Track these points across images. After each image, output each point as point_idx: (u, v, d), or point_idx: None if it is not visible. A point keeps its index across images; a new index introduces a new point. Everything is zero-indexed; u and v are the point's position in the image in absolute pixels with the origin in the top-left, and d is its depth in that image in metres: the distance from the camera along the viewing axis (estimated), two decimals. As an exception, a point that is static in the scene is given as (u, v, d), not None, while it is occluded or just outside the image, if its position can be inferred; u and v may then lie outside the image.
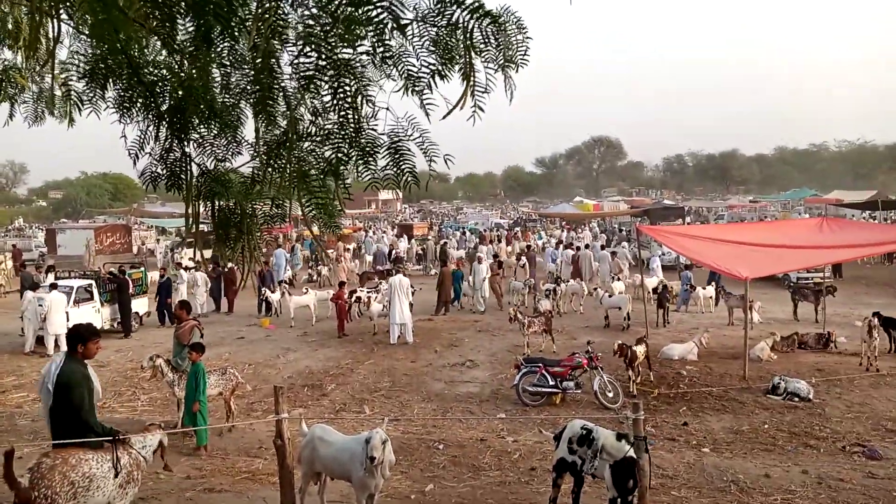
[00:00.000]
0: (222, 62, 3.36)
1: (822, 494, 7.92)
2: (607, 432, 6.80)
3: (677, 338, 16.23)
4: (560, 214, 51.52)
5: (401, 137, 3.58)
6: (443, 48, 3.32)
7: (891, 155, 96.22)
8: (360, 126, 3.46)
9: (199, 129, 3.59)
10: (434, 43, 3.33)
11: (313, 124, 3.57)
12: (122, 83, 3.38)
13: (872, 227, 24.00)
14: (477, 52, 3.36)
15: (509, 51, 3.49)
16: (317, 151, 3.63)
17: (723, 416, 11.13)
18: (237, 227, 3.79)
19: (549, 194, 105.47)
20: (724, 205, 68.99)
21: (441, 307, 21.23)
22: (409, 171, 3.57)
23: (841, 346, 15.36)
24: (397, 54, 3.39)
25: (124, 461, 5.74)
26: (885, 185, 75.12)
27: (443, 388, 13.17)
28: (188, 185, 3.71)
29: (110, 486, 5.59)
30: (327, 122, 3.55)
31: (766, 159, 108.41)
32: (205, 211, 3.92)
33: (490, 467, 8.96)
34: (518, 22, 3.51)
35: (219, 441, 10.18)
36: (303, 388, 13.22)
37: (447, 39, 3.28)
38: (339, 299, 18.45)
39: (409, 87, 3.33)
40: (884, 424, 10.46)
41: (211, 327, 19.46)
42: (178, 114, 3.33)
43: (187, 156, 3.71)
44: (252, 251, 3.97)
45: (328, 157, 3.56)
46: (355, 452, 6.61)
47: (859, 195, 47.94)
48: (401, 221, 60.78)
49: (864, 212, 39.87)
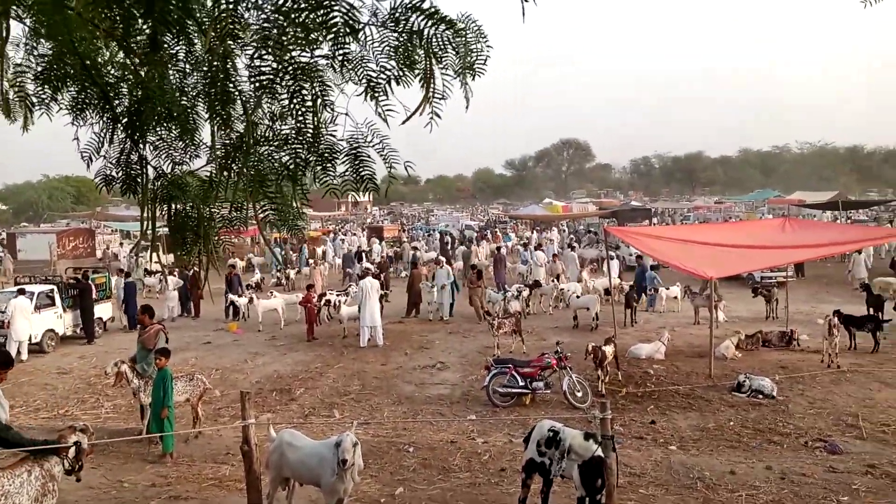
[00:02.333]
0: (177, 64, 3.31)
1: (784, 489, 8.08)
2: (574, 432, 6.84)
3: (644, 337, 16.43)
4: (530, 216, 51.81)
5: (360, 143, 3.56)
6: (403, 54, 3.31)
7: (850, 157, 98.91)
8: (319, 131, 3.43)
9: (157, 131, 3.53)
10: (394, 49, 3.32)
11: (270, 129, 3.53)
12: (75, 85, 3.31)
13: (833, 227, 24.52)
14: (437, 59, 3.37)
15: (469, 58, 3.50)
16: (274, 156, 3.59)
17: (689, 414, 11.29)
18: (194, 230, 3.74)
19: (518, 196, 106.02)
20: (690, 206, 70.15)
21: (411, 309, 21.17)
22: (368, 178, 3.56)
23: (803, 344, 15.68)
24: (357, 60, 3.38)
25: (35, 474, 5.65)
26: (846, 186, 77.12)
27: (413, 390, 13.14)
28: (144, 189, 3.64)
29: (24, 500, 5.50)
30: (285, 127, 3.52)
31: (730, 161, 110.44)
32: (161, 215, 3.86)
33: (460, 469, 8.96)
34: (478, 30, 3.52)
35: (185, 448, 10.04)
36: (271, 392, 13.09)
37: (407, 45, 3.27)
38: (308, 303, 18.31)
39: (368, 92, 3.31)
40: (844, 420, 10.71)
41: (177, 332, 19.18)
42: (135, 116, 3.27)
43: (144, 158, 3.65)
44: (210, 255, 3.91)
45: (286, 162, 3.53)
46: (324, 457, 6.58)
47: (821, 196, 49.07)
48: (371, 224, 60.53)
49: (826, 212, 40.80)
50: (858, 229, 23.80)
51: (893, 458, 8.97)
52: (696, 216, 57.83)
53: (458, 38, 3.41)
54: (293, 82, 3.14)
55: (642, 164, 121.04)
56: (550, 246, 31.61)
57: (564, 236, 42.19)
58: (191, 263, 4.24)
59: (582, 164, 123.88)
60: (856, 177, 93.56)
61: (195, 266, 4.05)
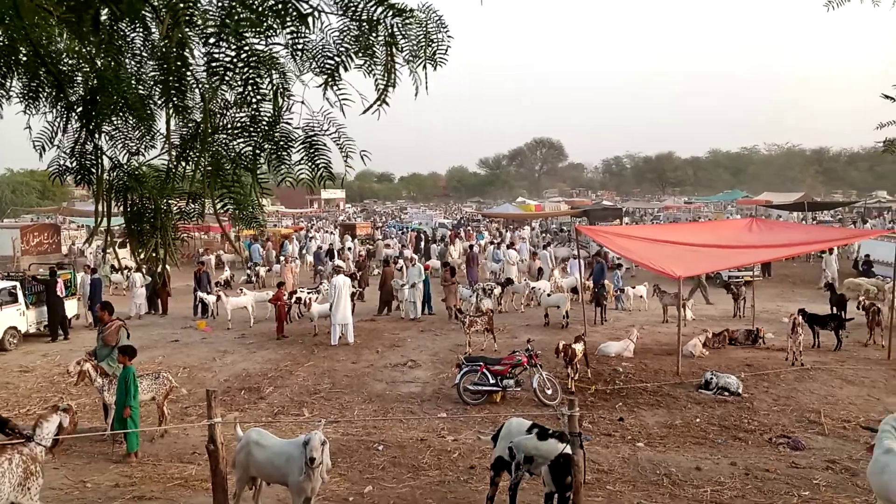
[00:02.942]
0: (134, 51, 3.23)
1: (748, 485, 8.21)
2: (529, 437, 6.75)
3: (614, 335, 16.58)
4: (503, 214, 51.93)
5: (316, 132, 3.51)
6: (363, 43, 3.28)
7: (816, 158, 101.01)
8: (275, 120, 3.38)
9: (112, 120, 3.43)
10: (355, 38, 3.28)
11: (223, 117, 3.46)
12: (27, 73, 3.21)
13: (799, 228, 25.01)
14: (398, 48, 3.34)
15: (430, 48, 3.48)
16: (230, 145, 3.52)
17: (657, 411, 11.41)
18: (150, 223, 3.65)
19: (492, 195, 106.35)
20: (660, 206, 71.00)
21: (383, 307, 21.10)
22: (324, 167, 3.51)
23: (769, 342, 15.97)
24: (318, 49, 3.33)
25: (16, 461, 5.77)
26: (811, 187, 78.79)
27: (384, 388, 13.09)
28: (99, 180, 3.54)
29: (6, 488, 5.65)
30: (241, 115, 3.46)
31: (700, 162, 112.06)
32: (117, 207, 3.76)
33: (430, 467, 8.95)
34: (439, 19, 3.50)
35: (150, 447, 9.90)
36: (240, 391, 12.94)
37: (368, 35, 3.24)
38: (278, 300, 18.14)
39: (328, 81, 3.27)
40: (807, 416, 10.92)
41: (144, 330, 18.91)
42: (90, 105, 3.18)
43: (99, 149, 3.55)
44: (167, 248, 3.83)
45: (242, 150, 3.46)
46: (292, 456, 6.53)
47: (787, 197, 50.00)
48: (343, 221, 60.22)
49: (793, 212, 41.61)
50: (823, 230, 24.30)
51: (853, 454, 9.17)
52: (666, 216, 58.53)
53: (417, 28, 3.38)
54: (247, 70, 3.09)
55: (614, 163, 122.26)
56: (524, 244, 31.73)
57: (534, 234, 42.41)
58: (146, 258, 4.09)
59: (555, 163, 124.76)
60: (821, 178, 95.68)
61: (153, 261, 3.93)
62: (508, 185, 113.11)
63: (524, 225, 47.67)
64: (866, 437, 9.90)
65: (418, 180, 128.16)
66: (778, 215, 42.48)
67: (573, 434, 6.19)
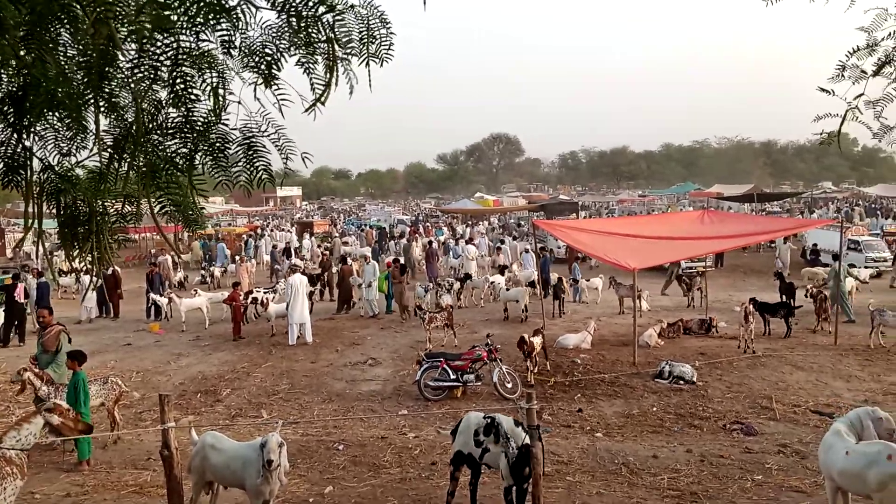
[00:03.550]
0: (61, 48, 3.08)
1: (704, 471, 8.40)
2: (507, 418, 6.88)
3: (572, 328, 16.77)
4: (461, 210, 52.02)
5: (254, 133, 3.43)
6: (304, 40, 3.21)
7: (765, 151, 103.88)
8: (212, 120, 3.29)
9: (43, 120, 3.29)
10: (294, 34, 3.21)
11: (154, 118, 3.35)
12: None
13: (749, 219, 25.68)
14: (339, 46, 3.28)
15: (373, 45, 3.43)
16: (164, 145, 3.41)
17: (615, 402, 11.58)
18: (85, 226, 3.51)
19: (451, 190, 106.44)
20: (615, 199, 72.11)
21: (342, 306, 20.93)
22: (263, 169, 3.43)
23: (722, 331, 16.37)
24: (252, 46, 3.25)
25: None
26: (760, 179, 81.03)
27: (344, 387, 12.99)
28: (28, 182, 3.38)
29: None
30: (175, 115, 3.36)
31: (653, 155, 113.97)
32: (49, 210, 3.61)
33: (391, 465, 8.90)
34: (381, 15, 3.46)
35: (103, 454, 9.62)
36: (196, 394, 12.68)
37: (308, 31, 3.17)
38: (233, 301, 17.82)
39: (266, 80, 3.19)
40: (759, 402, 11.22)
41: (95, 334, 18.43)
42: (16, 104, 3.03)
43: (28, 150, 3.39)
44: (103, 252, 3.69)
45: (177, 151, 3.36)
46: (248, 459, 6.43)
47: (737, 189, 51.23)
48: (300, 219, 59.54)
49: (744, 204, 42.68)
50: (772, 220, 25.01)
51: (803, 437, 9.47)
52: (621, 209, 59.48)
53: (358, 24, 3.33)
54: (177, 68, 2.99)
55: (570, 158, 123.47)
56: (483, 239, 31.85)
57: (489, 230, 42.60)
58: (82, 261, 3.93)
59: (512, 158, 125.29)
60: (770, 170, 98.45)
61: (93, 264, 3.76)
62: (467, 181, 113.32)
63: (482, 220, 47.86)
64: (815, 420, 10.24)
65: (376, 176, 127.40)
66: (729, 207, 43.61)
67: (531, 427, 6.23)
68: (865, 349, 14.21)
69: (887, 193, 55.77)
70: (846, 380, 12.33)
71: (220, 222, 53.02)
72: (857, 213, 41.58)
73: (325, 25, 3.18)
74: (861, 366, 13.13)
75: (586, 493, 7.83)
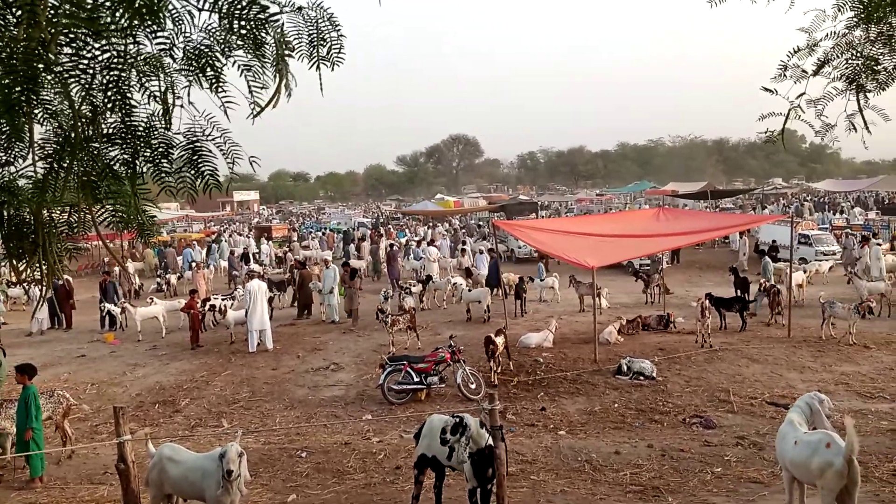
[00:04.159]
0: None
1: (665, 465, 8.53)
2: (474, 420, 6.86)
3: (534, 327, 16.88)
4: (422, 212, 51.99)
5: (199, 137, 3.35)
6: (252, 43, 3.14)
7: (717, 148, 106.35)
8: (152, 125, 3.19)
9: None
10: (242, 38, 3.14)
11: (92, 124, 3.25)
12: None
13: (702, 216, 26.21)
14: (289, 48, 3.23)
15: (323, 47, 3.39)
16: (105, 153, 3.31)
17: (577, 399, 11.69)
18: (31, 237, 3.36)
19: (411, 192, 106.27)
20: (574, 198, 72.93)
21: (302, 311, 20.69)
22: (209, 174, 3.35)
23: (679, 326, 16.68)
24: (196, 50, 3.17)
25: None
26: (714, 176, 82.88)
27: (306, 393, 12.84)
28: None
29: None
30: (114, 121, 3.26)
31: (609, 155, 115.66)
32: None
33: (355, 470, 8.83)
34: (330, 18, 3.42)
35: (57, 470, 9.35)
36: (153, 405, 12.40)
37: (255, 34, 3.11)
38: (191, 308, 17.45)
39: (213, 84, 3.12)
40: (717, 395, 11.46)
41: (47, 346, 17.90)
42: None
43: None
44: (52, 264, 3.55)
45: (118, 158, 3.26)
46: (208, 470, 6.31)
47: (692, 186, 52.35)
48: (257, 223, 58.71)
49: (699, 201, 43.57)
50: (725, 217, 25.56)
51: (760, 429, 9.69)
52: (579, 208, 60.18)
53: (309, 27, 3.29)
54: (110, 72, 2.90)
55: (528, 158, 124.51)
56: (444, 241, 31.84)
57: (452, 231, 42.63)
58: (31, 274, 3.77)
59: (472, 159, 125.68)
60: (722, 167, 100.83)
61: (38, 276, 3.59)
62: (427, 183, 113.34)
63: (443, 222, 47.90)
64: (772, 411, 10.50)
65: (335, 179, 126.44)
66: (684, 204, 44.41)
67: (494, 427, 6.23)
68: (817, 341, 14.63)
69: (834, 188, 57.50)
70: (800, 371, 12.68)
71: (176, 228, 52.00)
72: (807, 209, 42.79)
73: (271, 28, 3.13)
74: (814, 357, 13.51)
75: (550, 491, 7.88)
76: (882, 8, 4.69)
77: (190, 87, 3.18)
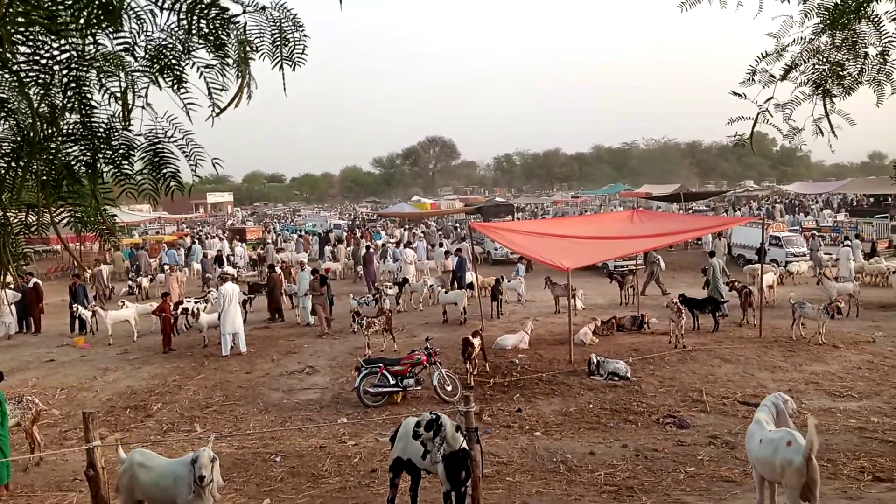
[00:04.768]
0: None
1: (639, 465, 8.60)
2: (450, 421, 6.83)
3: (510, 328, 16.92)
4: (399, 214, 51.88)
5: (160, 139, 3.31)
6: (214, 42, 3.11)
7: (690, 151, 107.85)
8: (113, 125, 3.15)
9: None
10: (204, 37, 3.11)
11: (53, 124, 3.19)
12: None
13: (676, 218, 26.53)
14: (253, 50, 3.21)
15: (286, 48, 3.37)
16: (64, 153, 3.25)
17: (552, 400, 11.74)
18: None
19: (387, 194, 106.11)
20: (549, 200, 73.37)
21: (274, 314, 20.50)
22: (171, 175, 3.31)
23: (653, 327, 16.84)
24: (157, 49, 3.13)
25: None
26: (687, 178, 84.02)
27: (281, 397, 12.73)
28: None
29: None
30: (73, 121, 3.21)
31: (584, 157, 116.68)
32: None
33: (330, 474, 8.77)
34: (293, 18, 3.40)
35: (24, 477, 9.15)
36: (125, 409, 12.20)
37: (219, 34, 3.08)
38: (163, 311, 17.22)
39: (174, 83, 3.08)
40: (690, 395, 11.58)
41: (15, 350, 17.55)
42: None
43: None
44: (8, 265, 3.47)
45: (77, 158, 3.20)
46: (179, 475, 6.21)
47: (665, 188, 52.98)
48: (232, 225, 58.12)
49: (672, 203, 44.09)
50: (698, 219, 25.88)
51: (732, 428, 9.81)
52: (555, 210, 60.54)
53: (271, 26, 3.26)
54: (68, 73, 2.85)
55: (504, 161, 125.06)
56: (421, 243, 31.80)
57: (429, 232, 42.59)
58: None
59: (448, 161, 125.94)
60: (695, 170, 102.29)
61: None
62: (403, 184, 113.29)
63: (420, 224, 47.84)
64: (744, 411, 10.64)
65: (311, 181, 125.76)
66: (658, 206, 44.94)
67: (469, 429, 6.23)
68: (788, 341, 14.86)
69: (804, 191, 58.52)
70: (771, 371, 12.86)
71: (148, 230, 51.31)
72: (778, 210, 43.50)
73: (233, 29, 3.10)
74: (784, 357, 13.73)
75: (526, 492, 7.90)
76: (847, 14, 4.79)
77: (149, 87, 3.14)
